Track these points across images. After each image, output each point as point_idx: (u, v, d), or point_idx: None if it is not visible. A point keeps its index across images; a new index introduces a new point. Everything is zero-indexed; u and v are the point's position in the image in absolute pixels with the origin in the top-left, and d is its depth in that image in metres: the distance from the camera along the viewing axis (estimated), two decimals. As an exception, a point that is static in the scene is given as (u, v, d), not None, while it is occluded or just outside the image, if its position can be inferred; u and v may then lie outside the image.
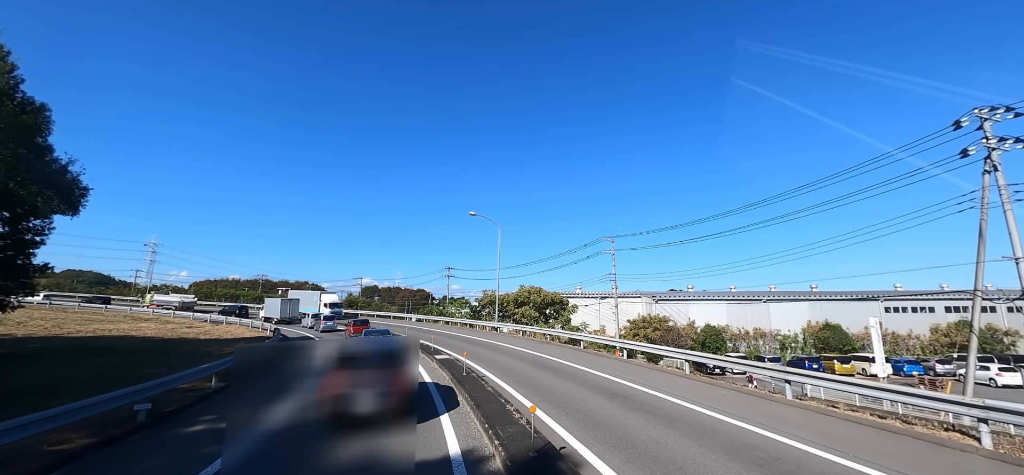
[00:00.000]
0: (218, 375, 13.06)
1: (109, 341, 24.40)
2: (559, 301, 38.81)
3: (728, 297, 53.67)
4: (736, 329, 49.10)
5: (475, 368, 15.21)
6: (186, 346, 23.76)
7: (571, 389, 12.02)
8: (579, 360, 18.28)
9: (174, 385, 11.15)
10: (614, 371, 15.48)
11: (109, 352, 19.96)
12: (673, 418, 9.09)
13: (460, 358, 16.94)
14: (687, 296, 55.20)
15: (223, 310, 44.31)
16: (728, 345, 47.18)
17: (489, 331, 34.59)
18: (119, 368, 15.48)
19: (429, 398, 11.28)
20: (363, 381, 2.93)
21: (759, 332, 48.35)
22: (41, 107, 17.13)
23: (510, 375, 14.26)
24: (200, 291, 79.13)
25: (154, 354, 20.31)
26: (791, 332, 49.32)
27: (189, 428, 8.88)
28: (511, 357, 18.74)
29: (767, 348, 48.07)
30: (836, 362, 38.99)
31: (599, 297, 58.05)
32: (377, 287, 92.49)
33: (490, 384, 12.35)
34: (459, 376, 13.28)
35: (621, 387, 12.53)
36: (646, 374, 15.35)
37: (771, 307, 51.86)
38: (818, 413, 10.34)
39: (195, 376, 12.01)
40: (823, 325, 48.38)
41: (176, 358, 19.06)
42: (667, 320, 45.43)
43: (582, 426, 8.36)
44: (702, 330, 46.70)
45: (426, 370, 15.55)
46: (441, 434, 8.08)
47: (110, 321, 34.65)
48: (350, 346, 3.14)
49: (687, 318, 48.95)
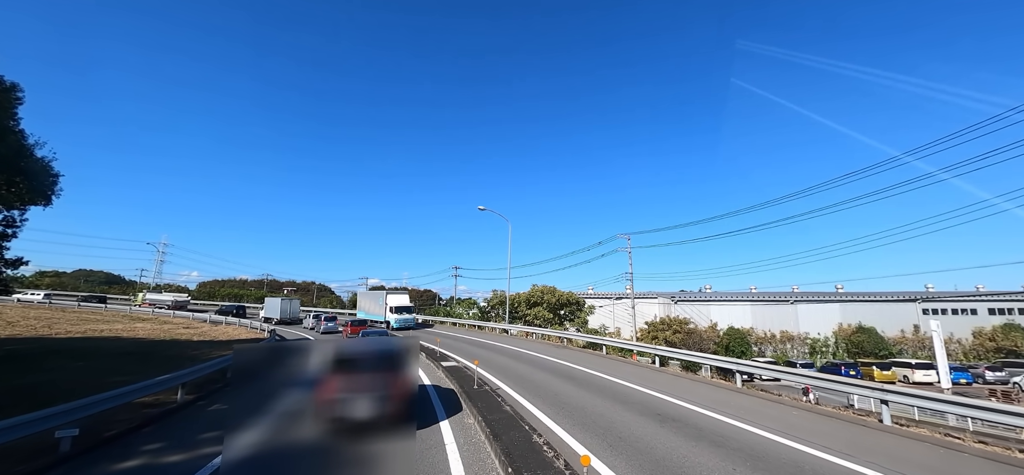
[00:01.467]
0: (186, 387, 11.07)
1: (94, 343, 22.78)
2: (575, 301, 36.38)
3: (752, 298, 50.62)
4: (761, 332, 46.17)
5: (488, 378, 13.06)
6: (175, 348, 22.05)
7: (608, 409, 9.79)
8: (605, 368, 16.01)
9: (128, 399, 9.20)
10: (650, 383, 13.19)
11: (87, 356, 18.22)
12: (759, 456, 6.80)
13: (470, 366, 14.81)
14: (707, 296, 52.23)
15: (220, 310, 42.84)
16: (753, 349, 44.32)
17: (499, 333, 32.44)
18: (86, 375, 13.67)
19: (431, 412, 9.20)
20: (360, 385, 2.82)
21: (786, 335, 45.35)
22: (11, 87, 15.46)
23: (530, 388, 12.07)
24: (208, 291, 78.50)
25: (135, 357, 18.58)
26: (820, 335, 46.25)
27: (122, 463, 6.84)
28: (528, 365, 16.53)
29: (795, 352, 45.11)
30: (875, 369, 36.02)
31: (613, 297, 55.52)
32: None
33: (508, 402, 10.16)
34: (469, 389, 11.13)
35: (668, 407, 10.26)
36: (687, 387, 13.05)
37: (799, 308, 48.68)
38: (943, 447, 7.93)
39: (155, 388, 10.04)
40: (856, 328, 45.21)
41: (158, 362, 17.28)
42: (687, 322, 42.74)
43: (647, 472, 6.13)
44: (725, 333, 43.91)
45: (431, 383, 13.41)
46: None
47: (106, 321, 33.29)
48: (346, 348, 3.06)
49: (708, 320, 46.15)
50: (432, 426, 8.44)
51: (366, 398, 2.75)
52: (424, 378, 13.79)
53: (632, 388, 12.36)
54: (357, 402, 2.71)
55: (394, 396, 2.83)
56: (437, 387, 12.39)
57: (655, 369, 16.99)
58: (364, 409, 2.70)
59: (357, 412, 2.69)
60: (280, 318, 38.81)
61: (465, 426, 8.58)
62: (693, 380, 14.89)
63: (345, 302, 73.59)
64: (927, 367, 36.21)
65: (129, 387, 9.30)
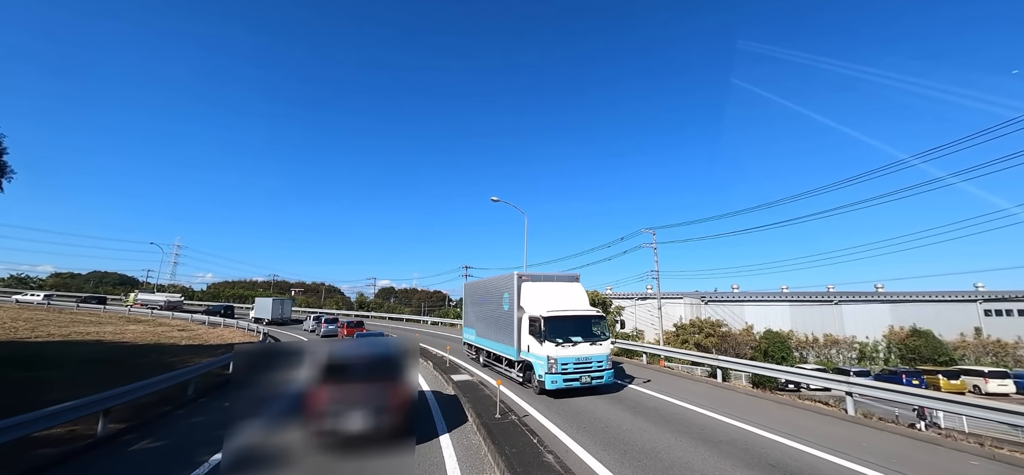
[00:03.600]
0: (113, 413, 8.28)
1: (68, 348, 20.50)
2: (600, 301, 32.97)
3: (790, 298, 46.33)
4: (802, 335, 42.03)
5: (512, 401, 10.00)
6: (154, 354, 19.60)
7: (691, 454, 6.64)
8: (658, 385, 12.81)
9: (17, 435, 6.44)
10: (722, 406, 9.99)
11: (45, 364, 15.78)
12: None
13: (490, 382, 11.78)
14: (741, 296, 48.14)
15: (207, 310, 41.05)
16: (794, 355, 40.28)
17: (516, 337, 29.35)
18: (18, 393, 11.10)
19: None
20: (353, 395, 2.59)
21: (831, 339, 41.07)
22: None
23: (571, 418, 8.98)
24: (220, 292, 77.50)
25: (105, 365, 16.12)
26: (869, 339, 41.87)
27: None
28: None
29: (842, 359, 40.84)
30: (941, 377, 31.76)
31: (635, 298, 51.94)
32: (393, 288, 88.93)
33: (548, 444, 7.08)
34: (489, 419, 8.09)
35: (768, 446, 7.09)
36: (771, 410, 9.80)
37: (843, 309, 44.29)
38: None
39: (63, 418, 7.26)
40: (910, 331, 40.71)
41: (128, 371, 14.72)
42: (720, 324, 38.96)
43: None
44: (763, 336, 39.98)
45: (441, 410, 10.42)
46: None
47: (98, 323, 31.36)
48: (339, 353, 2.80)
49: (742, 322, 42.23)
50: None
51: (360, 409, 2.56)
52: (423, 384, 10.94)
53: (707, 416, 9.16)
54: (350, 414, 2.51)
55: (391, 406, 2.60)
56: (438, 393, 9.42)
57: (720, 385, 13.71)
58: (358, 421, 2.51)
59: (350, 425, 2.50)
60: (271, 319, 37.00)
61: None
62: (773, 402, 11.57)
63: (352, 302, 71.52)
64: (1002, 376, 31.91)
65: (17, 419, 6.53)
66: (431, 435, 7.72)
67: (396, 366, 2.80)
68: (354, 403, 2.51)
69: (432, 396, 10.82)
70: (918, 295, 45.30)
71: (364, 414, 2.50)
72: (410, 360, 2.85)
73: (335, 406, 2.46)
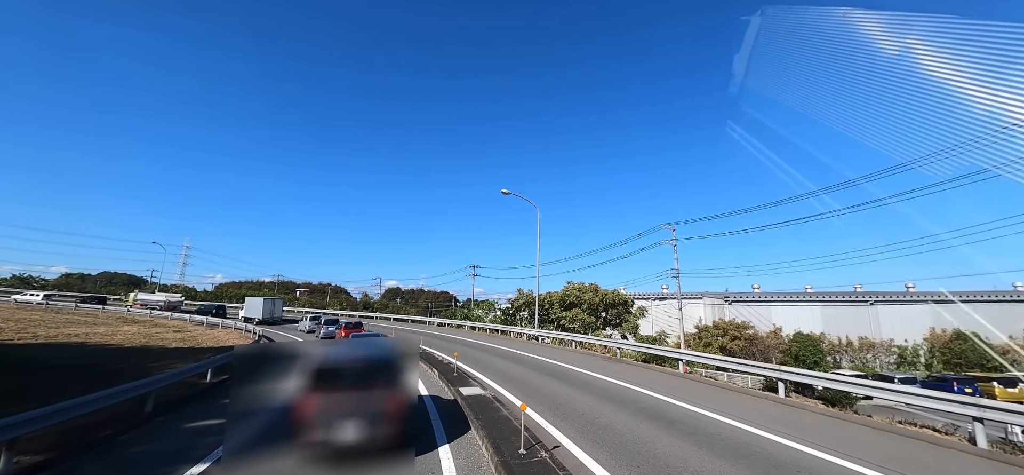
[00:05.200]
0: (14, 445, 6.36)
1: (47, 351, 18.93)
2: (622, 302, 30.61)
3: (821, 298, 43.36)
4: (834, 338, 39.18)
5: (547, 430, 7.91)
6: (135, 358, 17.92)
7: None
8: (705, 400, 10.61)
9: None
10: (803, 434, 7.78)
11: (11, 370, 14.12)
12: None
13: (509, 400, 9.71)
14: (767, 296, 45.29)
15: (199, 310, 40.69)
16: (827, 359, 37.47)
17: (527, 340, 27.26)
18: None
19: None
20: (346, 403, 2.42)
21: (866, 342, 38.15)
22: None
23: (618, 453, 6.84)
24: (228, 292, 76.84)
25: (66, 374, 14.38)
26: (907, 342, 38.86)
27: None
28: (599, 398, 11.13)
29: (878, 364, 37.91)
30: (997, 385, 28.85)
31: (652, 298, 49.43)
32: (400, 289, 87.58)
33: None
34: (513, 457, 6.00)
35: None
36: (871, 440, 7.55)
37: (879, 310, 41.21)
38: None
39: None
40: (954, 334, 37.63)
41: (98, 378, 13.00)
42: (747, 326, 36.36)
43: None
44: (792, 339, 37.28)
45: (453, 450, 8.37)
46: None
47: (91, 325, 30.01)
48: (330, 356, 2.65)
49: (769, 324, 39.49)
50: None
51: (353, 418, 2.40)
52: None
53: (781, 444, 6.96)
54: (342, 424, 2.35)
55: (388, 414, 2.40)
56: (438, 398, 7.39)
57: (783, 401, 11.45)
58: (351, 432, 2.37)
59: (342, 436, 2.36)
60: (262, 318, 36.47)
61: None
62: (844, 421, 9.29)
63: (357, 302, 70.00)
64: (1066, 384, 28.78)
65: None
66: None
67: (393, 370, 2.60)
68: (346, 412, 2.35)
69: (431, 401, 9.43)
70: (963, 295, 42.02)
71: (358, 424, 2.35)
72: (408, 363, 2.63)
73: (326, 415, 2.28)
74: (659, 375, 14.73)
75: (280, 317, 40.15)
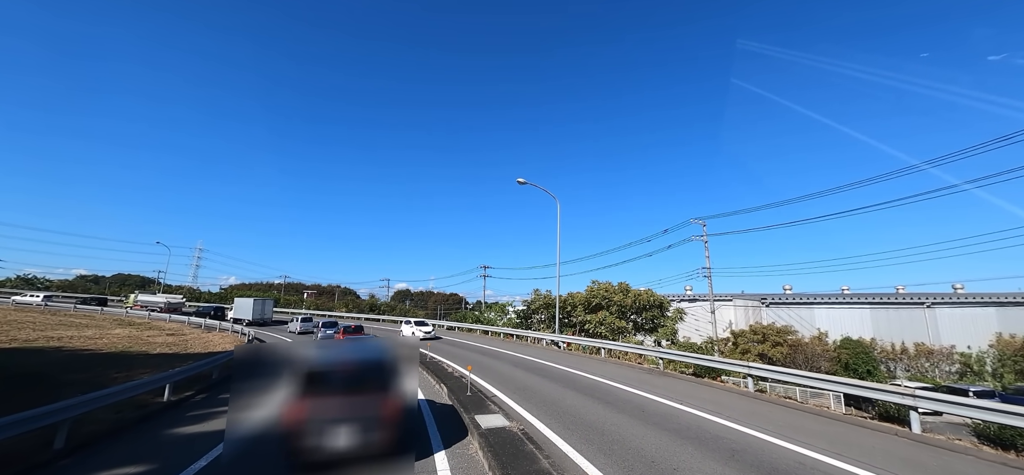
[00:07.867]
0: None
1: (8, 357, 16.93)
2: (657, 304, 27.44)
3: (871, 300, 39.28)
4: (886, 345, 35.30)
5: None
6: (99, 367, 15.71)
7: None
8: (813, 437, 7.68)
9: None
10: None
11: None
12: None
13: (544, 433, 6.96)
14: (809, 299, 41.36)
15: (197, 311, 39.88)
16: (880, 368, 33.68)
17: (546, 346, 24.41)
18: None
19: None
20: (339, 408, 2.22)
21: (923, 349, 34.19)
22: None
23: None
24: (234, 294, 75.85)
25: (19, 383, 12.25)
26: (970, 349, 34.76)
27: None
28: (667, 433, 8.30)
29: (938, 373, 33.93)
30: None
31: (677, 300, 45.96)
32: (409, 291, 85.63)
33: None
34: None
35: None
36: None
37: (937, 314, 37.05)
38: None
39: None
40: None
41: (46, 393, 10.75)
42: (789, 331, 32.78)
43: None
44: (839, 346, 33.62)
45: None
46: None
47: (81, 327, 28.27)
48: (321, 359, 2.48)
49: (812, 328, 35.81)
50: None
51: (346, 424, 2.20)
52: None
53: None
54: (335, 430, 2.14)
55: (384, 420, 2.25)
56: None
57: (832, 417, 8.46)
58: (344, 438, 2.16)
59: (335, 442, 2.14)
60: (251, 319, 35.97)
61: None
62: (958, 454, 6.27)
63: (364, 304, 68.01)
64: None
65: None
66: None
67: (388, 373, 2.43)
68: (339, 417, 2.16)
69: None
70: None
71: (351, 430, 2.17)
72: (405, 366, 2.51)
73: (317, 421, 2.11)
74: (723, 395, 11.78)
75: (270, 318, 39.45)
